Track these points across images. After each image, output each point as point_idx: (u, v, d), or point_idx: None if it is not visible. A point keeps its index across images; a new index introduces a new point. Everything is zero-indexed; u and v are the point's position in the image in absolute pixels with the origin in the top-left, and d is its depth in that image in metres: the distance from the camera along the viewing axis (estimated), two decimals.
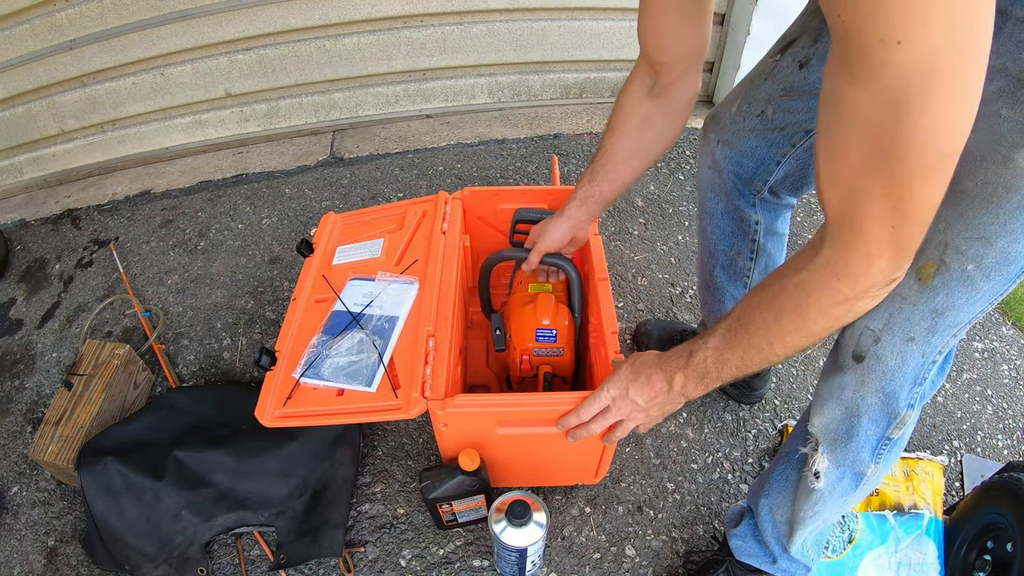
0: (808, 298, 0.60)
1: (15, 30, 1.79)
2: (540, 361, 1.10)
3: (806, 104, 0.84)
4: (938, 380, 0.73)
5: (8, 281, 1.75)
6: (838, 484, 0.82)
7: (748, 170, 0.95)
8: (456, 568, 1.12)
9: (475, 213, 1.27)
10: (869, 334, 0.71)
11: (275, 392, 0.95)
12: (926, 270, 0.66)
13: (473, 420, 0.95)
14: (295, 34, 1.94)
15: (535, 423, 0.96)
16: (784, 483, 0.91)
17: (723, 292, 1.14)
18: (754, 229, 1.03)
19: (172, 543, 1.10)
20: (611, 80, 2.27)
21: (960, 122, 0.46)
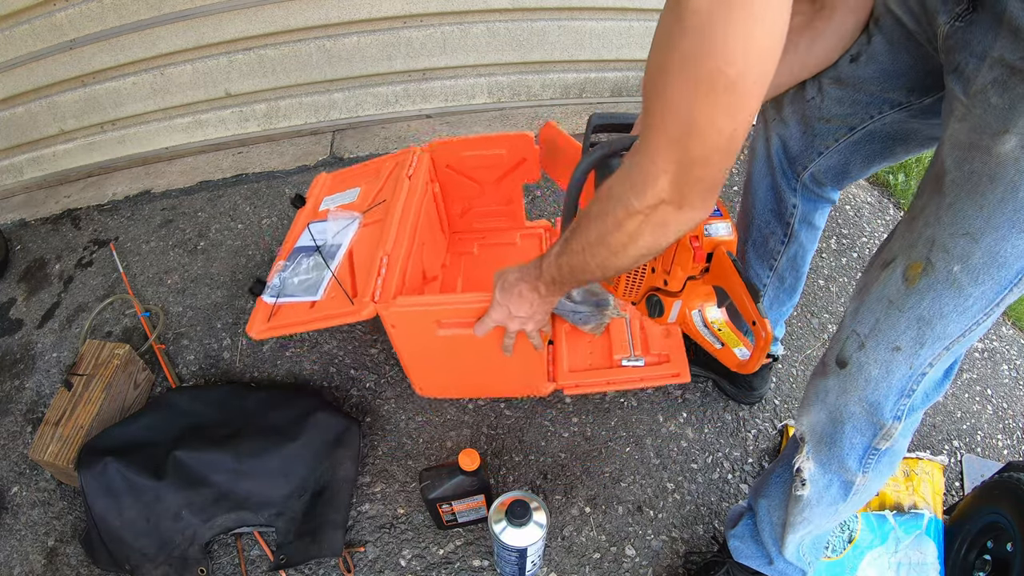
0: (609, 204, 0.64)
1: (15, 30, 1.79)
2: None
3: (852, 96, 0.85)
4: (934, 394, 0.70)
5: (8, 281, 1.75)
6: (826, 491, 0.81)
7: (793, 151, 0.96)
8: (456, 568, 1.12)
9: (444, 162, 1.40)
10: (855, 338, 0.69)
11: (262, 313, 1.18)
12: (912, 270, 0.63)
13: (415, 319, 1.08)
14: (295, 34, 1.94)
15: (469, 322, 1.06)
16: (781, 485, 0.91)
17: (749, 271, 1.14)
18: (791, 212, 1.03)
19: (172, 543, 1.10)
20: (611, 80, 2.27)
21: (751, 48, 0.49)
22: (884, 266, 0.67)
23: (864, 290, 0.69)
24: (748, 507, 1.02)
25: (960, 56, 0.62)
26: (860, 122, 0.86)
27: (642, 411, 1.36)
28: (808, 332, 1.54)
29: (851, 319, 0.71)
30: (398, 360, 1.43)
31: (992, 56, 0.58)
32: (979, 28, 0.60)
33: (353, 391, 1.39)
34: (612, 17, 2.08)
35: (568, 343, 1.29)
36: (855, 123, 0.87)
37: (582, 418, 1.35)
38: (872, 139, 0.88)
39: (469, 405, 1.36)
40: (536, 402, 1.37)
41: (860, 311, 0.69)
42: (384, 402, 1.37)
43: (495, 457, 1.28)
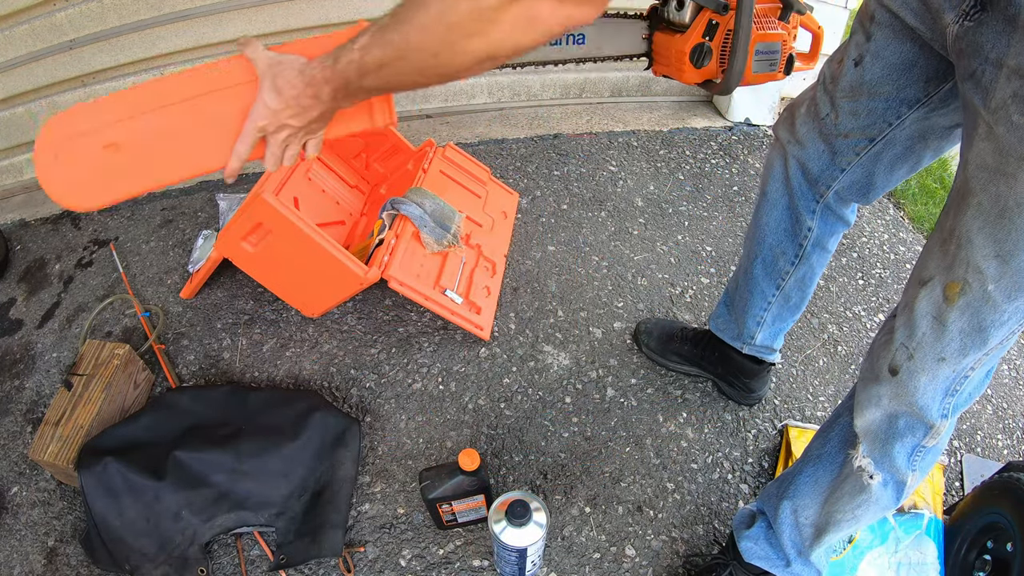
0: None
1: (15, 30, 1.79)
2: None
3: (867, 106, 0.84)
4: (976, 392, 0.73)
5: (8, 281, 1.75)
6: (883, 490, 0.82)
7: (813, 172, 0.95)
8: (456, 568, 1.12)
9: None
10: (903, 350, 0.72)
11: (189, 284, 1.57)
12: (951, 290, 0.66)
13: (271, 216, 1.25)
14: (295, 34, 1.94)
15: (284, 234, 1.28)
16: (814, 485, 0.90)
17: (755, 286, 1.14)
18: (805, 235, 1.02)
19: (172, 543, 1.10)
20: (611, 80, 2.27)
21: None
22: (922, 284, 0.70)
23: (908, 307, 0.72)
24: (760, 511, 1.01)
25: (974, 62, 0.61)
26: (879, 132, 0.85)
27: (642, 411, 1.36)
28: (808, 332, 1.54)
29: (899, 332, 0.73)
30: (391, 358, 1.44)
31: (1009, 65, 0.56)
32: (990, 30, 0.59)
33: (353, 391, 1.39)
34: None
35: (407, 250, 1.36)
36: (874, 134, 0.85)
37: (582, 418, 1.35)
38: (893, 144, 0.86)
39: (469, 405, 1.36)
40: (536, 402, 1.37)
41: (907, 326, 0.72)
42: (384, 402, 1.37)
43: (495, 457, 1.28)
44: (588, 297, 1.59)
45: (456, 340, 1.48)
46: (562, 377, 1.42)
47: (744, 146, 2.12)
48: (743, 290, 1.18)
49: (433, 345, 1.47)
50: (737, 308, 1.22)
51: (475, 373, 1.42)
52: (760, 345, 1.23)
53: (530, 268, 1.65)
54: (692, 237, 1.77)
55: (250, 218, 1.25)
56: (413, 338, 1.49)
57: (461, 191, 1.61)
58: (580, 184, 1.92)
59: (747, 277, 1.15)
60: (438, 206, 1.41)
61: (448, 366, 1.43)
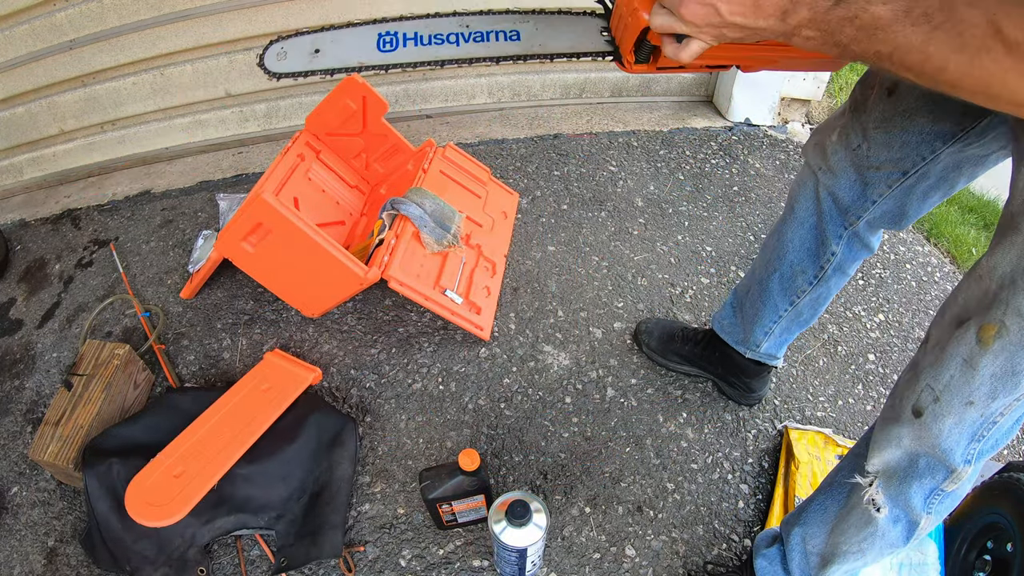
0: None
1: (15, 30, 1.79)
2: None
3: (900, 138, 0.80)
4: (1003, 440, 0.71)
5: (8, 281, 1.75)
6: (892, 527, 0.80)
7: (844, 201, 0.93)
8: (456, 568, 1.12)
9: (321, 132, 1.59)
10: (929, 392, 0.69)
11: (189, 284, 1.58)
12: (986, 332, 0.64)
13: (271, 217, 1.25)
14: None
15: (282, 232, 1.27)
16: (822, 514, 0.90)
17: (769, 298, 1.13)
18: (828, 258, 1.01)
19: (171, 545, 1.10)
20: (611, 80, 2.27)
21: None
22: (957, 324, 0.67)
23: (938, 347, 0.69)
24: (779, 534, 1.01)
25: None
26: (912, 165, 0.83)
27: (642, 411, 1.36)
28: (808, 332, 1.54)
29: (926, 373, 0.70)
30: (391, 359, 1.44)
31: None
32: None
33: (353, 391, 1.39)
34: None
35: (407, 250, 1.36)
36: (907, 167, 0.83)
37: (582, 418, 1.35)
38: (927, 177, 0.84)
39: (469, 405, 1.36)
40: (536, 402, 1.37)
41: (934, 367, 0.69)
42: (384, 402, 1.37)
43: (495, 457, 1.28)
44: (588, 297, 1.59)
45: (456, 340, 1.48)
46: (562, 377, 1.42)
47: (744, 146, 2.12)
48: (755, 300, 1.17)
49: (433, 345, 1.47)
50: (746, 316, 1.21)
51: (475, 373, 1.42)
52: (764, 353, 1.23)
53: (530, 268, 1.65)
54: (692, 237, 1.77)
55: (250, 218, 1.25)
56: (413, 338, 1.49)
57: (461, 191, 1.61)
58: (580, 184, 1.92)
59: (761, 288, 1.14)
60: (438, 206, 1.41)
61: (448, 366, 1.43)
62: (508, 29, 0.84)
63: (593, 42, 0.83)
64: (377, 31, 0.84)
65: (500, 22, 0.83)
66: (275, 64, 0.86)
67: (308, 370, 1.36)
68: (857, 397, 1.42)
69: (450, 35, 0.83)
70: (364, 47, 0.84)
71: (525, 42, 0.84)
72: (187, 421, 1.22)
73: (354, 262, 1.26)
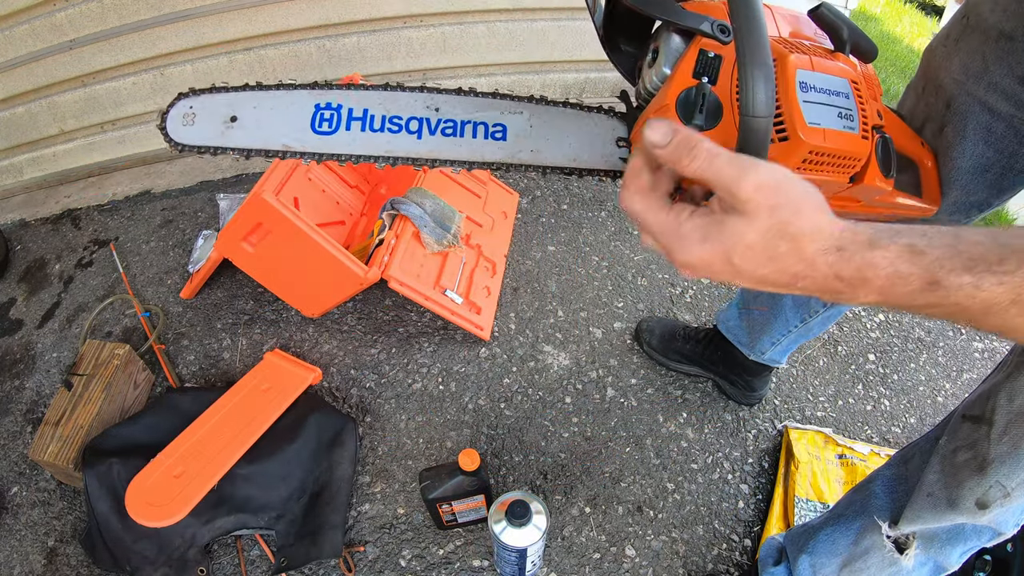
0: None
1: (15, 30, 1.79)
2: None
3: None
4: None
5: (8, 281, 1.75)
6: (919, 568, 0.80)
7: None
8: (456, 568, 1.12)
9: None
10: (999, 488, 0.66)
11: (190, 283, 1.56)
12: None
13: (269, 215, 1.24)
14: (295, 34, 1.94)
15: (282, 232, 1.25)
16: (831, 545, 0.89)
17: (781, 312, 1.13)
18: None
19: (171, 545, 1.10)
20: (611, 80, 2.27)
21: None
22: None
23: (1009, 441, 0.64)
24: (784, 549, 1.01)
25: None
26: (940, 222, 0.81)
27: (642, 411, 1.36)
28: None
29: (996, 469, 0.65)
30: (391, 359, 1.44)
31: None
32: None
33: (353, 391, 1.39)
34: None
35: (407, 250, 1.35)
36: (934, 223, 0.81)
37: (582, 418, 1.35)
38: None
39: (469, 405, 1.36)
40: (536, 402, 1.37)
41: (1007, 464, 0.65)
42: (384, 402, 1.37)
43: (495, 457, 1.28)
44: (588, 297, 1.59)
45: (456, 340, 1.48)
46: (562, 377, 1.42)
47: None
48: (767, 312, 1.16)
49: (433, 345, 1.47)
50: (754, 323, 1.20)
51: (475, 373, 1.42)
52: (769, 358, 1.23)
53: (530, 268, 1.65)
54: None
55: (250, 218, 1.25)
56: (413, 338, 1.49)
57: (461, 191, 1.61)
58: (580, 184, 1.92)
59: (774, 301, 1.14)
60: (438, 206, 1.41)
61: (448, 366, 1.43)
62: (492, 121, 0.62)
63: (603, 154, 0.62)
64: (315, 100, 0.61)
65: (482, 109, 0.61)
66: (179, 130, 0.62)
67: (308, 370, 1.36)
68: (857, 397, 1.42)
69: (411, 120, 0.60)
70: (294, 123, 0.61)
71: (512, 143, 0.61)
72: (187, 421, 1.22)
73: (354, 262, 1.26)
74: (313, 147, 0.61)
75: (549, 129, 0.62)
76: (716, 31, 0.51)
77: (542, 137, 0.62)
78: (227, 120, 0.61)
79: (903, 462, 0.83)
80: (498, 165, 0.61)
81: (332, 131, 0.61)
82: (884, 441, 1.35)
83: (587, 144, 0.62)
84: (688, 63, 0.53)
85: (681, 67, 0.53)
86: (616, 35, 0.62)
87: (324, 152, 0.60)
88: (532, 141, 0.61)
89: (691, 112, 0.51)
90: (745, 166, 0.38)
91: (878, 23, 3.82)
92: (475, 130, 0.61)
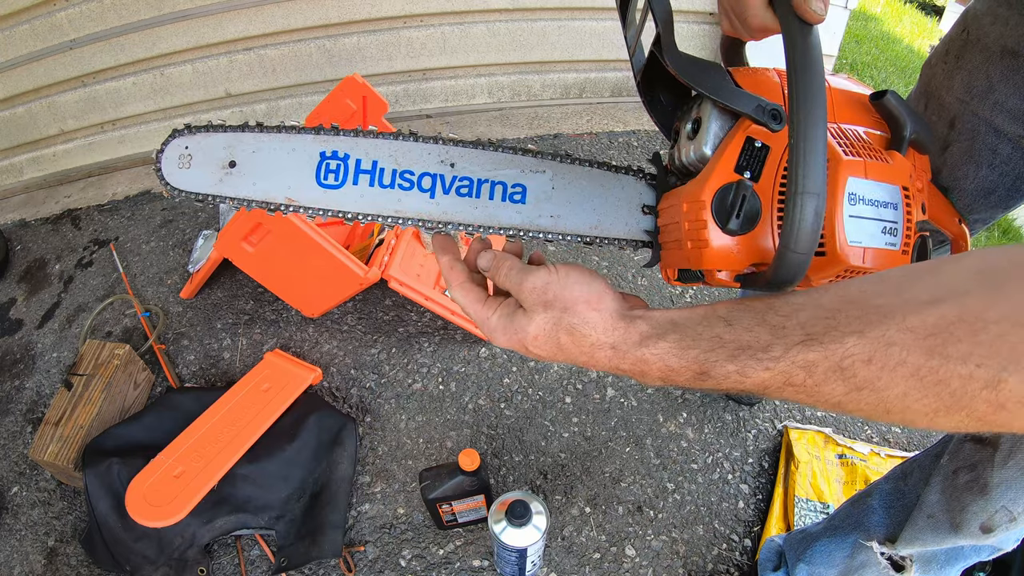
0: (947, 366, 0.31)
1: (15, 30, 1.79)
2: None
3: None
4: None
5: (8, 281, 1.75)
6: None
7: None
8: (456, 568, 1.12)
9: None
10: (1005, 513, 0.65)
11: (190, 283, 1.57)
12: None
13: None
14: (295, 34, 1.94)
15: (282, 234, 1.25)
16: (827, 557, 0.89)
17: None
18: None
19: (171, 545, 1.10)
20: (611, 80, 2.27)
21: None
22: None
23: (1016, 466, 0.63)
24: (782, 552, 1.01)
25: None
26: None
27: (642, 411, 1.36)
28: None
29: (1000, 492, 0.65)
30: (391, 359, 1.44)
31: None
32: None
33: (353, 391, 1.39)
34: (612, 17, 2.07)
35: (407, 250, 1.36)
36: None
37: (582, 418, 1.35)
38: None
39: (469, 405, 1.36)
40: (536, 402, 1.37)
41: (1013, 490, 0.64)
42: (384, 402, 1.37)
43: (495, 457, 1.28)
44: None
45: (456, 340, 1.48)
46: (562, 377, 1.42)
47: None
48: None
49: (433, 345, 1.47)
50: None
51: (475, 373, 1.42)
52: None
53: None
54: None
55: (250, 218, 1.25)
56: (413, 338, 1.49)
57: None
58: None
59: None
60: None
61: (448, 366, 1.43)
62: (511, 181, 0.57)
63: (627, 223, 0.57)
64: (320, 148, 0.55)
65: (501, 166, 0.56)
66: (175, 173, 0.56)
67: (308, 370, 1.36)
68: None
69: (424, 176, 0.55)
70: (297, 171, 0.55)
71: (531, 207, 0.57)
72: (187, 421, 1.22)
73: (354, 262, 1.26)
74: (317, 202, 0.55)
75: (572, 192, 0.57)
76: (767, 118, 0.47)
77: (564, 201, 0.57)
78: (225, 165, 0.56)
79: (902, 477, 0.82)
80: (515, 231, 0.56)
81: (338, 184, 0.55)
82: (884, 441, 1.35)
83: (611, 211, 0.58)
84: (732, 152, 0.48)
85: (725, 155, 0.49)
86: (655, 85, 0.57)
87: (330, 208, 0.55)
88: (553, 205, 0.57)
89: (727, 216, 0.47)
90: (524, 274, 0.46)
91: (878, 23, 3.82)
92: (492, 190, 0.56)
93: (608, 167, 0.59)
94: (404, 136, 0.56)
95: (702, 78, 0.47)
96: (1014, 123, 0.64)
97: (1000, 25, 0.62)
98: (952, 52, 0.69)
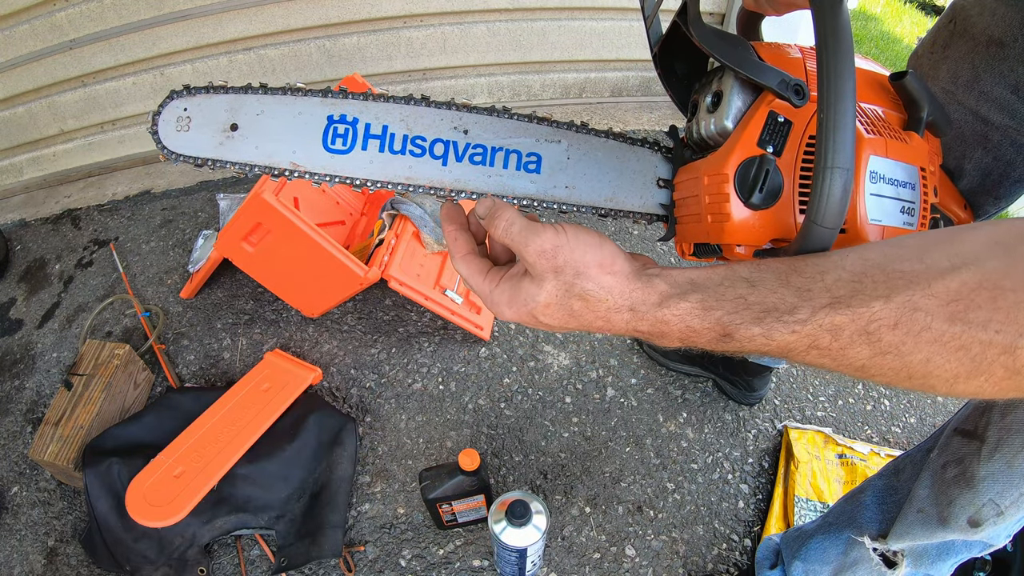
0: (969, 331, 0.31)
1: (15, 30, 1.79)
2: None
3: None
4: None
5: (8, 281, 1.75)
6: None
7: None
8: (456, 568, 1.12)
9: None
10: (992, 507, 0.65)
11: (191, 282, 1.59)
12: None
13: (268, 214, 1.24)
14: (295, 34, 1.94)
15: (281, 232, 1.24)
16: (822, 554, 0.89)
17: None
18: None
19: (171, 545, 1.10)
20: (611, 80, 2.27)
21: None
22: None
23: (1002, 459, 0.63)
24: (780, 551, 1.01)
25: None
26: None
27: (642, 411, 1.36)
28: None
29: (988, 486, 0.65)
30: (391, 358, 1.44)
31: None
32: None
33: (353, 391, 1.39)
34: (612, 17, 2.07)
35: (407, 250, 1.36)
36: None
37: (582, 418, 1.35)
38: None
39: (469, 405, 1.36)
40: (536, 402, 1.37)
41: (1000, 483, 0.64)
42: (384, 402, 1.37)
43: (495, 457, 1.28)
44: None
45: (456, 340, 1.48)
46: (562, 377, 1.42)
47: None
48: None
49: (433, 345, 1.47)
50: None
51: (475, 373, 1.42)
52: (770, 360, 1.23)
53: None
54: None
55: (250, 218, 1.25)
56: (413, 338, 1.49)
57: None
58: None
59: None
60: (438, 206, 1.41)
61: (448, 366, 1.43)
62: (526, 150, 0.55)
63: (642, 196, 0.56)
64: (328, 112, 0.52)
65: (516, 134, 0.54)
66: (172, 136, 0.52)
67: (308, 370, 1.36)
68: (857, 397, 1.42)
69: (436, 143, 0.53)
70: (303, 135, 0.52)
71: (546, 177, 0.56)
72: (187, 421, 1.22)
73: (354, 262, 1.26)
74: (324, 168, 0.53)
75: (588, 163, 0.56)
76: (791, 93, 0.47)
77: (579, 172, 0.56)
78: (226, 128, 0.52)
79: (894, 473, 0.82)
80: (529, 200, 0.55)
81: (347, 150, 0.52)
82: (884, 441, 1.35)
83: (627, 183, 0.56)
84: (755, 126, 0.48)
85: (747, 129, 0.48)
86: (672, 57, 0.56)
87: (337, 175, 0.53)
88: (568, 176, 0.56)
89: (749, 190, 0.47)
90: (529, 233, 0.42)
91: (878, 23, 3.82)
92: (507, 159, 0.55)
93: (624, 139, 0.57)
94: (416, 101, 0.53)
95: (727, 51, 0.47)
96: (1001, 113, 0.64)
97: (987, 15, 0.63)
98: (939, 42, 0.69)
